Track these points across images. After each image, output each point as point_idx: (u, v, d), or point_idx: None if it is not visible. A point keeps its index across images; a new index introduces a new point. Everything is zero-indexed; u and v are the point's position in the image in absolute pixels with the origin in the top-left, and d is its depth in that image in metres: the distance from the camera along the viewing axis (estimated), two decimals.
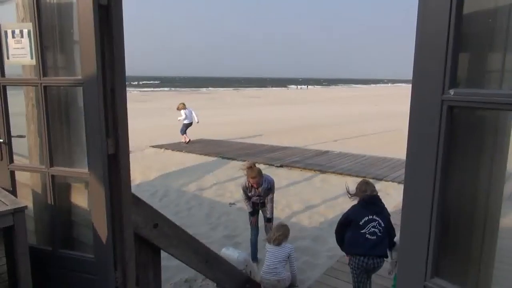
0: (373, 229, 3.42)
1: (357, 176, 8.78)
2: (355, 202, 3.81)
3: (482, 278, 1.24)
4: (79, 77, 2.38)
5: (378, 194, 3.81)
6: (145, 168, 10.08)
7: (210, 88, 78.95)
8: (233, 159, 10.87)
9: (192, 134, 15.07)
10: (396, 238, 3.31)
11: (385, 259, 3.52)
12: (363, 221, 3.45)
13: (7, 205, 2.31)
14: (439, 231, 1.16)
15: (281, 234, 4.41)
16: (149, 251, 3.27)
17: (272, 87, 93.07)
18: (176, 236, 3.41)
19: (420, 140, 1.17)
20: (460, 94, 1.08)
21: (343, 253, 4.56)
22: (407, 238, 1.24)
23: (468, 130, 1.14)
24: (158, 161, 11.06)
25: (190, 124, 14.16)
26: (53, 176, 2.60)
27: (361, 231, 3.43)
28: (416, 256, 1.21)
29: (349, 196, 3.82)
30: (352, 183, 8.34)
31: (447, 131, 1.12)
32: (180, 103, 14.73)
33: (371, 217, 3.46)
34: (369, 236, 3.42)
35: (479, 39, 1.12)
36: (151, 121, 19.16)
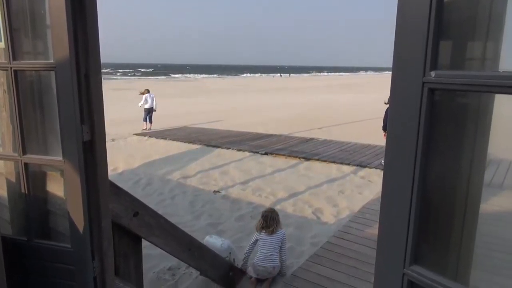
0: None
1: (341, 163, 8.85)
2: None
3: (462, 265, 1.22)
4: (51, 61, 2.27)
5: (362, 181, 3.90)
6: (128, 156, 9.96)
7: (190, 75, 78.22)
8: (217, 146, 10.82)
9: (175, 121, 14.92)
10: None
11: None
12: None
13: None
14: (419, 217, 1.14)
15: (276, 223, 4.36)
16: (129, 241, 3.21)
17: (248, 74, 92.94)
18: (158, 225, 3.36)
19: (400, 124, 1.13)
20: (441, 76, 1.04)
21: (327, 240, 4.59)
22: (386, 225, 1.21)
23: (450, 114, 1.11)
24: (142, 149, 10.93)
25: (150, 110, 14.23)
26: (26, 164, 2.50)
27: None
28: (395, 243, 1.18)
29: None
30: (336, 170, 8.44)
31: (428, 115, 1.08)
32: (145, 89, 14.82)
33: None
34: None
35: (462, 19, 1.08)
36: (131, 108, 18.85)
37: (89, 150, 2.41)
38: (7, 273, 2.41)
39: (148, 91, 14.48)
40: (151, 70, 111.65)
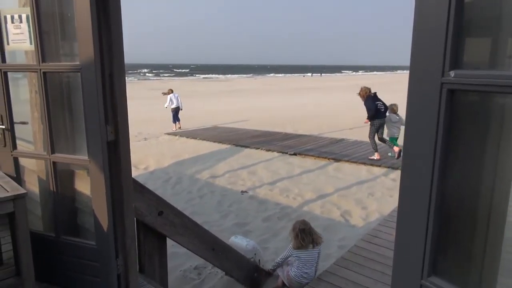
0: None
1: (372, 165, 8.64)
2: None
3: (486, 278, 1.14)
4: (77, 63, 2.33)
5: (393, 183, 3.69)
6: (159, 155, 10.15)
7: (227, 76, 79.22)
8: (246, 146, 10.84)
9: (205, 121, 15.08)
10: None
11: None
12: None
13: (8, 192, 2.31)
14: (438, 225, 1.07)
15: (314, 235, 4.03)
16: (154, 239, 3.25)
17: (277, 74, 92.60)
18: (182, 224, 3.39)
19: (418, 127, 1.07)
20: (461, 76, 0.97)
21: (355, 243, 4.41)
22: (403, 233, 1.15)
23: (471, 116, 1.03)
24: (173, 148, 11.12)
25: (177, 109, 14.31)
26: (54, 163, 2.58)
27: None
28: (412, 253, 1.12)
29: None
30: (367, 172, 8.25)
31: (447, 117, 1.01)
32: (169, 89, 14.90)
33: None
34: None
35: (485, 13, 1.01)
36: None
37: (113, 150, 2.46)
38: (36, 267, 2.50)
39: (172, 91, 14.60)
40: (187, 70, 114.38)
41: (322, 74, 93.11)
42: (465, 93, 1.00)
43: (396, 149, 8.64)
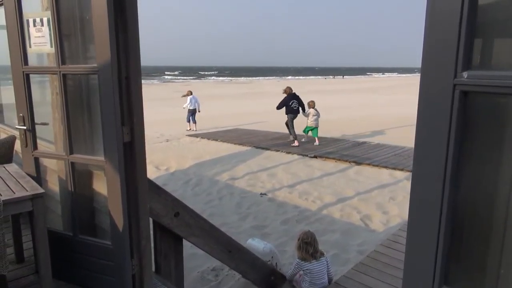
0: None
1: (394, 168, 8.46)
2: None
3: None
4: (95, 65, 2.37)
5: None
6: (180, 156, 10.25)
7: (248, 78, 79.63)
8: (267, 149, 10.81)
9: (228, 123, 15.13)
10: None
11: None
12: None
13: (27, 191, 2.37)
14: (450, 233, 1.02)
15: (317, 246, 3.95)
16: (170, 240, 3.27)
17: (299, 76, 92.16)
18: (198, 226, 3.40)
19: (429, 131, 1.02)
20: (475, 77, 0.93)
21: (374, 249, 4.31)
22: (414, 240, 1.10)
23: (485, 119, 0.98)
24: (194, 149, 11.20)
25: (194, 111, 14.47)
26: (72, 163, 2.63)
27: None
28: (423, 261, 1.07)
29: None
30: (388, 176, 8.09)
31: (460, 121, 0.97)
32: (188, 91, 15.15)
33: None
34: None
35: (501, 10, 0.95)
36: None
37: (129, 151, 2.49)
38: (55, 265, 2.56)
39: (191, 93, 14.85)
40: (215, 72, 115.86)
41: (344, 77, 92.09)
42: (479, 95, 0.95)
43: (297, 142, 11.06)
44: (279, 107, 11.45)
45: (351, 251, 5.07)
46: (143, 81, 2.51)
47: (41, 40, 2.54)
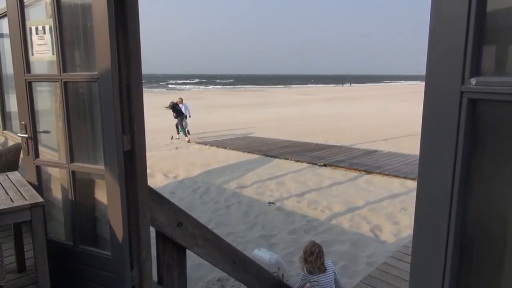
0: None
1: (405, 177, 8.30)
2: None
3: None
4: (95, 73, 2.34)
5: None
6: (189, 164, 10.23)
7: (258, 86, 79.96)
8: (276, 157, 10.73)
9: (236, 131, 15.11)
10: None
11: None
12: None
13: (26, 200, 2.33)
14: (458, 255, 0.94)
15: (323, 258, 3.78)
16: (173, 250, 3.20)
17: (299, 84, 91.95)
18: (201, 236, 3.32)
19: (435, 142, 0.94)
20: (484, 83, 0.85)
21: (384, 261, 4.16)
22: (418, 262, 1.02)
23: (496, 129, 0.90)
24: (202, 157, 11.19)
25: (184, 118, 14.53)
26: (73, 172, 2.60)
27: None
28: (429, 279, 0.99)
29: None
30: (400, 185, 7.93)
31: (468, 130, 0.89)
32: (179, 98, 15.26)
33: None
34: None
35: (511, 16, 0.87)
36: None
37: (130, 160, 2.44)
38: (55, 275, 2.51)
39: (182, 101, 14.95)
40: (231, 80, 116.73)
41: (352, 84, 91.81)
42: (489, 103, 0.87)
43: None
44: (170, 108, 14.42)
45: (360, 263, 4.94)
46: (160, 89, 2.47)
47: (43, 48, 2.53)
